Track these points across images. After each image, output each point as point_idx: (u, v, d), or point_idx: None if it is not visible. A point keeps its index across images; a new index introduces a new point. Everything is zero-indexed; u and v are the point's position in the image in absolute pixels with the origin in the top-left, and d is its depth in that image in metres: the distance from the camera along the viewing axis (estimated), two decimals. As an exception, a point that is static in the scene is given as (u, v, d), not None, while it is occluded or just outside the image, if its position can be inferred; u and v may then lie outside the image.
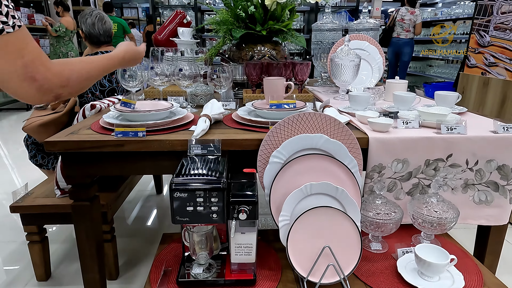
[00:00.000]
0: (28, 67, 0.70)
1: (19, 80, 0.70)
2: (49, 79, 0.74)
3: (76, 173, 1.17)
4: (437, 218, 1.10)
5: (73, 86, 0.80)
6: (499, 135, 1.16)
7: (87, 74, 0.86)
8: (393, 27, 5.49)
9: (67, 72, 0.79)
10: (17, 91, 0.71)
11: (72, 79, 0.80)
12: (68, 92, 0.79)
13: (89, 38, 2.05)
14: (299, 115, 1.11)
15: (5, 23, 0.65)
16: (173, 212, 0.90)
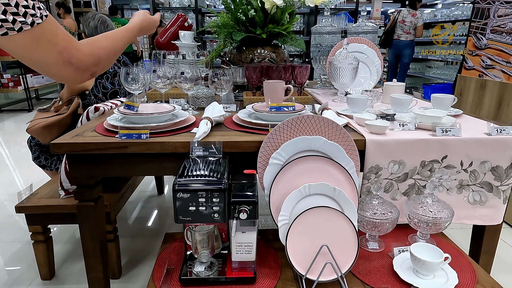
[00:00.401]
0: (63, 52, 0.75)
1: (58, 66, 0.76)
2: (83, 61, 0.80)
3: (81, 174, 1.21)
4: (432, 218, 1.13)
5: (104, 62, 0.87)
6: (492, 137, 1.20)
7: (114, 49, 0.92)
8: (394, 29, 5.51)
9: (96, 51, 0.84)
10: (59, 74, 0.78)
11: (102, 56, 0.86)
12: (102, 68, 0.86)
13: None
14: (298, 118, 1.14)
15: (34, 15, 0.69)
16: (176, 212, 0.93)
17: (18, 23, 0.68)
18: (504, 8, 2.19)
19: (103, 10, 8.24)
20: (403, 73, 5.81)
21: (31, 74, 5.57)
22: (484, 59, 2.37)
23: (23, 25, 0.68)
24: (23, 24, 0.68)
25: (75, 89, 2.05)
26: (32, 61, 0.74)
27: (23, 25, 0.68)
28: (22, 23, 0.68)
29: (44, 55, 0.73)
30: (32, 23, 0.69)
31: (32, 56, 0.73)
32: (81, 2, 7.53)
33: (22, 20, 0.68)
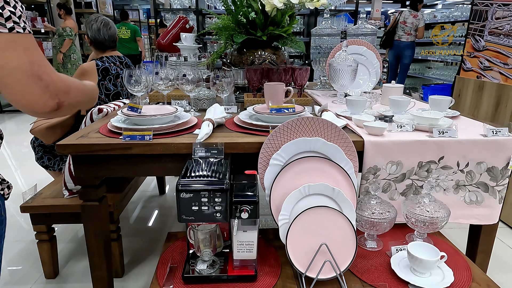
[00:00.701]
0: (35, 64, 0.67)
1: (25, 77, 0.66)
2: (55, 81, 0.71)
3: (86, 174, 1.23)
4: (429, 217, 1.16)
5: (73, 96, 0.77)
6: (488, 139, 1.22)
7: (83, 89, 0.84)
8: (395, 29, 5.53)
9: (68, 81, 0.77)
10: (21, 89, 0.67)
11: (73, 88, 0.77)
12: (69, 102, 0.75)
13: (95, 43, 2.11)
14: (298, 120, 1.16)
15: (16, 23, 0.66)
16: (179, 211, 0.96)
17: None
18: (501, 10, 2.21)
19: (104, 11, 8.27)
20: (403, 74, 5.84)
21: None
22: (482, 60, 2.39)
23: (1, 27, 0.64)
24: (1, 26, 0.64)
25: None
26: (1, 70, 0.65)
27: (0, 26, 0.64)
28: (1, 25, 0.64)
29: (14, 59, 0.65)
30: (11, 28, 0.65)
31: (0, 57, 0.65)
32: (82, 3, 7.56)
33: (1, 22, 0.64)
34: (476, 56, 2.44)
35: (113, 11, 8.90)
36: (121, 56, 2.22)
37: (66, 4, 4.95)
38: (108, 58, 2.11)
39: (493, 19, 2.28)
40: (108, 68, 2.07)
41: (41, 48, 5.68)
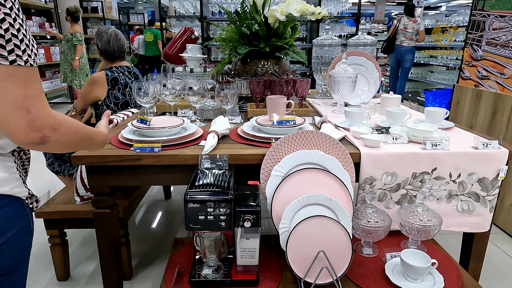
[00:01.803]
0: (27, 98, 0.69)
1: (14, 108, 0.68)
2: (43, 116, 0.71)
3: (99, 183, 1.31)
4: (422, 226, 1.23)
5: (62, 134, 0.76)
6: (479, 151, 1.29)
7: (77, 130, 0.83)
8: (395, 36, 5.64)
9: (61, 118, 0.77)
10: (7, 119, 0.68)
11: (64, 126, 0.77)
12: (56, 138, 0.75)
13: (105, 54, 2.20)
14: (298, 133, 1.24)
15: (19, 56, 0.68)
16: (187, 220, 1.03)
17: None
18: (498, 21, 2.27)
19: (110, 15, 8.39)
20: (405, 78, 5.91)
21: (40, 79, 5.72)
22: (480, 69, 2.45)
23: (2, 59, 0.66)
24: (1, 57, 0.65)
25: (88, 99, 2.16)
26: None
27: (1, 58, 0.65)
28: (1, 56, 0.65)
29: (9, 89, 0.67)
30: (13, 61, 0.67)
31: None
32: (88, 8, 7.68)
33: (3, 55, 0.65)
34: (474, 65, 2.50)
35: (119, 15, 9.03)
36: (129, 66, 2.30)
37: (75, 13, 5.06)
38: (117, 68, 2.20)
39: (490, 29, 2.34)
40: (117, 78, 2.16)
41: (48, 53, 5.82)
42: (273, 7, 1.94)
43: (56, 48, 6.01)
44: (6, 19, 0.65)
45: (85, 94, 2.15)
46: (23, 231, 0.84)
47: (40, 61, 5.69)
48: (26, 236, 0.86)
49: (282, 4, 1.95)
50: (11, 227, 0.80)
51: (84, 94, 2.15)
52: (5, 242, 0.79)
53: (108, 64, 2.25)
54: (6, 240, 0.79)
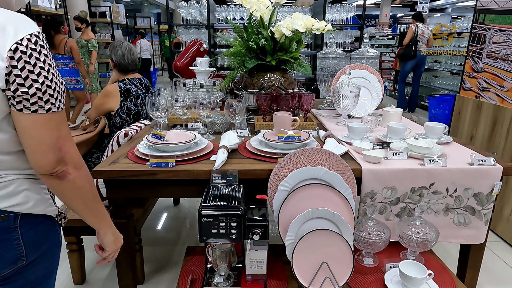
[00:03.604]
0: (60, 138, 0.78)
1: (49, 148, 0.76)
2: (71, 153, 0.80)
3: (116, 195, 1.41)
4: (420, 238, 1.30)
5: (81, 176, 0.82)
6: (474, 167, 1.36)
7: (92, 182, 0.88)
8: (416, 42, 5.84)
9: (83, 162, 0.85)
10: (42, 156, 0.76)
11: (84, 170, 0.84)
12: (74, 178, 0.81)
13: (119, 67, 2.30)
14: (303, 150, 1.32)
15: (53, 104, 0.76)
16: (200, 233, 1.12)
17: (36, 105, 0.74)
18: (498, 35, 2.34)
19: (118, 19, 8.53)
20: (419, 82, 6.24)
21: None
22: (480, 81, 2.52)
23: (40, 108, 0.74)
24: (40, 108, 0.74)
25: (102, 110, 2.26)
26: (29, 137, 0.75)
27: (39, 108, 0.74)
28: (40, 107, 0.74)
29: (45, 134, 0.76)
30: (49, 109, 0.76)
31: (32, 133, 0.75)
32: (96, 13, 7.83)
33: (41, 105, 0.74)
34: (475, 77, 2.56)
35: (126, 20, 9.16)
36: (141, 77, 2.40)
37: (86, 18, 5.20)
38: (129, 80, 2.29)
39: (491, 43, 2.41)
40: (129, 90, 2.26)
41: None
42: (279, 23, 2.03)
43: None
44: (41, 73, 0.75)
45: (99, 105, 2.25)
46: (54, 245, 0.94)
47: (50, 66, 5.81)
48: (56, 249, 0.97)
49: (288, 20, 2.04)
50: (45, 241, 0.90)
51: (98, 105, 2.25)
52: (40, 255, 0.89)
53: (120, 76, 2.35)
54: (41, 254, 0.89)
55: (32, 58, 0.73)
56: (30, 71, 0.73)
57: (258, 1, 2.10)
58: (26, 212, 0.83)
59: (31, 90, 0.73)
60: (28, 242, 0.85)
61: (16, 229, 0.82)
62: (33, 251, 0.86)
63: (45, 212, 0.89)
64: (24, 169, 0.83)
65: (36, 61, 0.73)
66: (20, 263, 0.84)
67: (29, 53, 0.72)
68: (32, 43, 0.73)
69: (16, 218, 0.82)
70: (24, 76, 0.72)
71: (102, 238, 0.98)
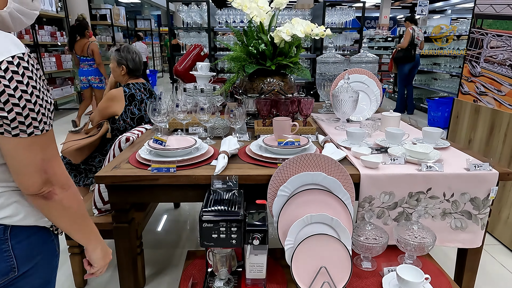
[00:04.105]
0: (45, 160, 0.77)
1: (34, 170, 0.76)
2: (57, 175, 0.79)
3: (119, 200, 1.43)
4: (417, 242, 1.32)
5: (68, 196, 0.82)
6: (471, 173, 1.38)
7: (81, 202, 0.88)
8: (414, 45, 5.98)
9: (71, 183, 0.84)
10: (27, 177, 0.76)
11: (72, 191, 0.83)
12: (61, 198, 0.80)
13: (131, 71, 2.36)
14: (302, 156, 1.34)
15: (36, 127, 0.74)
16: (201, 238, 1.14)
17: (17, 129, 0.72)
18: (495, 40, 2.36)
19: (118, 22, 8.56)
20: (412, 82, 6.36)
21: (51, 86, 5.88)
22: (478, 85, 2.54)
23: (21, 132, 0.73)
24: (21, 132, 0.73)
25: (106, 113, 2.28)
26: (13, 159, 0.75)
27: (21, 132, 0.73)
28: (21, 131, 0.73)
29: (29, 156, 0.75)
30: (31, 133, 0.74)
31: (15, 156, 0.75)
32: (97, 15, 7.86)
33: (22, 129, 0.72)
34: (473, 81, 2.59)
35: (126, 22, 9.20)
36: (145, 82, 2.43)
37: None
38: (134, 85, 2.32)
39: (488, 47, 2.43)
40: (134, 95, 2.28)
41: (59, 62, 5.98)
42: (279, 28, 2.05)
43: (66, 56, 6.17)
44: (23, 97, 0.72)
45: (103, 109, 2.27)
46: (49, 255, 0.92)
47: (51, 69, 5.85)
48: (52, 259, 0.95)
49: (287, 25, 2.06)
50: (38, 252, 0.89)
51: (102, 108, 2.27)
52: (34, 266, 0.88)
53: (127, 80, 2.37)
54: (34, 265, 0.88)
55: (12, 81, 0.70)
56: (10, 95, 0.70)
57: (258, 7, 2.13)
58: (16, 224, 0.82)
59: (11, 115, 0.71)
60: (20, 254, 0.84)
61: (6, 241, 0.81)
62: (26, 263, 0.85)
63: (38, 223, 0.87)
64: (12, 181, 0.81)
65: (17, 84, 0.71)
66: (12, 275, 0.83)
67: (10, 76, 0.70)
68: (14, 65, 0.70)
69: (5, 230, 0.81)
70: (3, 101, 0.70)
71: (90, 254, 0.97)
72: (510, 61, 2.26)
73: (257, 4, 2.12)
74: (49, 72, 5.94)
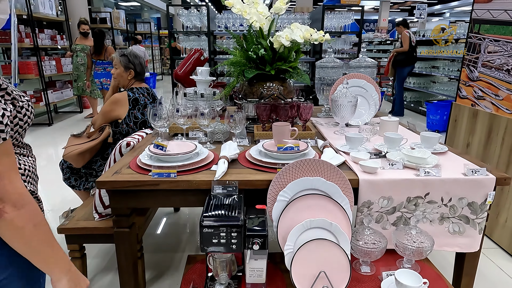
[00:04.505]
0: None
1: None
2: (9, 191, 0.73)
3: (119, 205, 1.44)
4: (416, 247, 1.34)
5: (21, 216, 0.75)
6: (468, 178, 1.40)
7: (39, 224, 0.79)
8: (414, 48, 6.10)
9: (28, 201, 0.77)
10: None
11: (27, 209, 0.76)
12: (12, 217, 0.73)
13: (138, 75, 2.42)
14: (302, 161, 1.36)
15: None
16: (202, 243, 1.15)
17: None
18: (493, 45, 2.39)
19: (118, 25, 8.59)
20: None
21: (51, 90, 5.89)
22: (476, 90, 2.56)
23: None
24: None
25: (109, 117, 2.29)
26: None
27: None
28: None
29: None
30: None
31: None
32: (97, 19, 7.89)
33: None
34: (471, 85, 2.61)
35: (126, 25, 9.23)
36: (148, 87, 2.46)
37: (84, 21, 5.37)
38: (138, 90, 2.34)
39: (486, 52, 2.45)
40: (137, 99, 2.30)
41: (59, 65, 6.00)
42: (278, 33, 2.07)
43: (66, 60, 6.19)
44: None
45: (107, 112, 2.28)
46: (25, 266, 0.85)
47: (51, 72, 5.86)
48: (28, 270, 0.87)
49: (287, 31, 2.08)
50: (10, 263, 0.83)
51: (105, 112, 2.29)
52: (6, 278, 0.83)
53: (133, 84, 2.40)
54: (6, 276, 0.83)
55: None
56: None
57: (258, 12, 2.14)
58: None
59: None
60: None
61: None
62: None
63: None
64: None
65: None
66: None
67: None
68: None
69: None
70: None
71: (55, 285, 0.87)
72: (507, 66, 2.28)
73: (256, 9, 2.13)
74: (49, 76, 5.96)
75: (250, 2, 2.13)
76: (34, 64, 5.41)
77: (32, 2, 5.37)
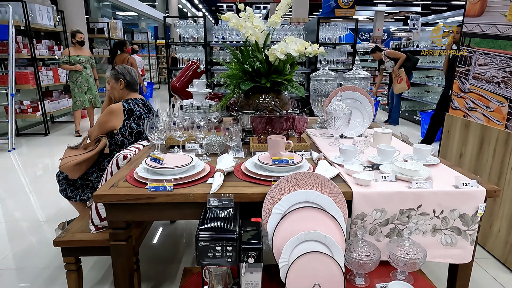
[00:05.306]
0: None
1: None
2: None
3: (116, 218, 1.45)
4: (409, 259, 1.36)
5: None
6: (459, 190, 1.43)
7: None
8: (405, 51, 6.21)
9: None
10: None
11: None
12: None
13: (130, 86, 2.46)
14: (296, 174, 1.38)
15: None
16: (198, 257, 1.17)
17: None
18: (483, 58, 2.44)
19: (116, 35, 8.65)
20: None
21: (48, 100, 5.90)
22: (467, 101, 2.61)
23: None
24: None
25: (105, 127, 2.31)
26: None
27: None
28: None
29: None
30: None
31: None
32: (94, 29, 7.94)
33: None
34: (463, 97, 2.66)
35: (124, 35, 9.30)
36: (143, 98, 2.49)
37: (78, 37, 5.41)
38: (133, 100, 2.37)
39: (476, 65, 2.51)
40: (133, 109, 2.33)
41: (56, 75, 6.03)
42: (273, 46, 2.11)
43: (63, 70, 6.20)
44: None
45: (103, 123, 2.30)
46: None
47: (48, 82, 5.88)
48: None
49: (282, 44, 2.12)
50: None
51: (101, 122, 2.31)
52: None
53: (128, 95, 2.43)
54: None
55: None
56: None
57: (253, 26, 2.19)
58: None
59: None
60: None
61: None
62: None
63: None
64: None
65: None
66: None
67: None
68: None
69: None
70: None
71: None
72: (497, 79, 2.33)
73: (252, 23, 2.18)
74: (46, 86, 5.97)
75: (246, 16, 2.17)
76: (31, 74, 5.43)
77: (30, 13, 5.42)
